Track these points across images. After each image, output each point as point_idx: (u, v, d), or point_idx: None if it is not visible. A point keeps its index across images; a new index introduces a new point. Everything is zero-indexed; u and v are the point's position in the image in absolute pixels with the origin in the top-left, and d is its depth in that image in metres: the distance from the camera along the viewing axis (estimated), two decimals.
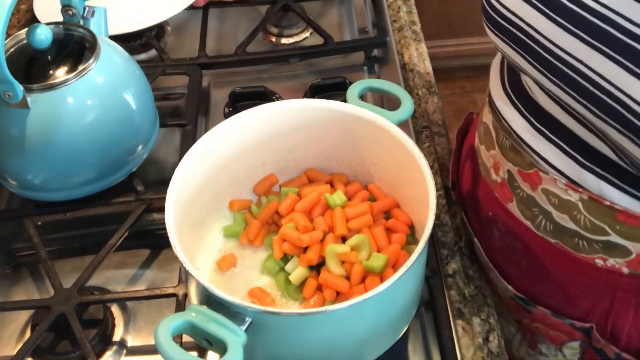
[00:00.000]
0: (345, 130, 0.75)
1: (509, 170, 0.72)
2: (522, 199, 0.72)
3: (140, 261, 0.82)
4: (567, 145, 0.66)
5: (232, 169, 0.76)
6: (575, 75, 0.58)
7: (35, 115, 0.76)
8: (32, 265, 0.82)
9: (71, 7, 0.83)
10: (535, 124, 0.68)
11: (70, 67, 0.78)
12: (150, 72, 0.94)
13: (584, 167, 0.65)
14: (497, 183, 0.75)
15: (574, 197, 0.66)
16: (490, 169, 0.76)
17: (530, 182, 0.70)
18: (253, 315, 0.58)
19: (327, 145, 0.78)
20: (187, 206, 0.70)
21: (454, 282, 0.78)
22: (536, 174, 0.68)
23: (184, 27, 1.12)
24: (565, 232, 0.69)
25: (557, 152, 0.66)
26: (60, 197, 0.82)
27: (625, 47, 0.53)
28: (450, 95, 2.39)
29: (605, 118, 0.57)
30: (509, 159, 0.72)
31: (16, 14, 1.15)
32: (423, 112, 0.96)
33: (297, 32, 1.10)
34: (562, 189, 0.66)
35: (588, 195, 0.65)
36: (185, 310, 0.59)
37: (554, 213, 0.69)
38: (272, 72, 1.04)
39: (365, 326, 0.63)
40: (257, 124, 0.75)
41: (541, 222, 0.71)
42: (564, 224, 0.68)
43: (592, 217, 0.65)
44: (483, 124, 0.79)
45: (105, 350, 0.74)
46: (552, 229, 0.70)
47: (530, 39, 0.62)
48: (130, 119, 0.82)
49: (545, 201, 0.69)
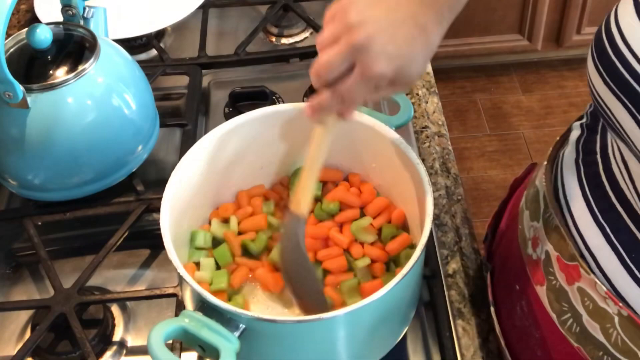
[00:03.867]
0: (343, 134, 0.75)
1: (547, 251, 0.64)
2: (553, 288, 0.63)
3: (140, 261, 0.82)
4: (627, 252, 0.57)
5: (229, 172, 0.76)
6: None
7: (35, 115, 0.76)
8: (32, 265, 0.82)
9: (71, 7, 0.83)
10: (599, 217, 0.59)
11: (70, 67, 0.78)
12: (150, 72, 0.94)
13: (637, 282, 0.56)
14: (532, 260, 0.67)
15: (612, 309, 0.57)
16: (529, 241, 0.68)
17: (568, 275, 0.61)
18: (247, 322, 0.58)
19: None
20: (183, 210, 0.70)
21: (454, 282, 0.78)
22: (576, 269, 0.60)
23: (184, 27, 1.12)
24: (591, 341, 0.60)
25: (611, 255, 0.57)
26: (60, 197, 0.82)
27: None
28: (450, 95, 2.39)
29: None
30: (550, 240, 0.63)
31: (16, 14, 1.15)
32: (423, 112, 0.96)
33: (297, 32, 1.10)
34: (601, 296, 0.57)
35: (628, 313, 0.56)
36: (179, 316, 0.58)
37: (585, 317, 0.60)
38: (272, 72, 1.04)
39: (362, 331, 0.62)
40: (255, 127, 0.75)
41: (568, 320, 0.62)
42: (592, 332, 0.60)
43: (626, 336, 0.57)
44: (534, 187, 0.69)
45: (105, 350, 0.74)
46: (577, 331, 0.61)
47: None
48: (130, 119, 0.82)
49: (578, 301, 0.60)
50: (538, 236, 0.66)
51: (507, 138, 2.31)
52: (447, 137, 0.94)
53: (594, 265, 0.59)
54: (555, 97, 2.42)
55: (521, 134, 2.31)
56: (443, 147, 0.92)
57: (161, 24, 1.06)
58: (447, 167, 0.90)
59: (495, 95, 2.41)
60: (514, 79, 2.46)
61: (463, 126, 2.34)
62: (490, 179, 2.18)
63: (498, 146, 2.28)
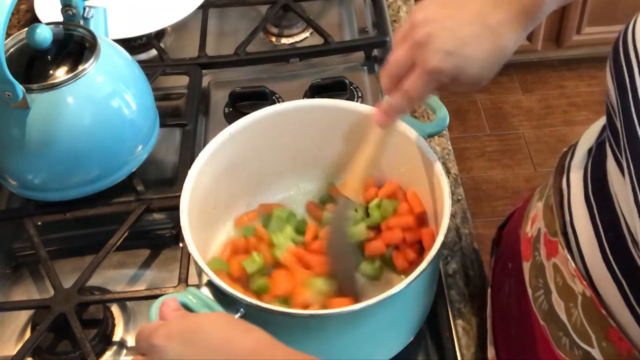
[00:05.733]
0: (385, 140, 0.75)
1: (539, 228, 0.65)
2: (535, 264, 0.65)
3: (140, 261, 0.82)
4: (605, 232, 0.55)
5: (253, 165, 0.77)
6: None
7: (35, 115, 0.76)
8: (32, 265, 0.82)
9: (71, 7, 0.83)
10: (591, 196, 0.58)
11: (70, 67, 0.78)
12: (150, 72, 0.94)
13: (607, 263, 0.54)
14: (527, 237, 0.68)
15: (578, 288, 0.57)
16: (529, 220, 0.69)
17: (548, 250, 0.62)
18: (246, 308, 0.59)
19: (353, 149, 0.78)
20: (204, 197, 0.70)
21: (454, 282, 0.78)
22: (556, 244, 0.60)
23: (184, 27, 1.12)
24: (555, 320, 0.61)
25: (591, 234, 0.57)
26: (60, 197, 0.82)
27: None
28: (450, 95, 2.39)
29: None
30: (544, 217, 0.64)
31: (16, 14, 1.15)
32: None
33: (297, 32, 1.10)
34: (570, 274, 0.58)
35: (591, 294, 0.55)
36: (184, 291, 0.59)
37: (554, 294, 0.61)
38: (272, 72, 1.04)
39: (372, 329, 0.63)
40: (286, 120, 0.75)
41: (540, 296, 0.63)
42: (557, 310, 0.60)
43: (585, 318, 0.57)
44: (551, 177, 0.68)
45: (105, 350, 0.74)
46: (546, 309, 0.62)
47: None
48: (130, 119, 0.82)
49: (552, 277, 0.61)
50: (537, 214, 0.67)
51: (507, 138, 2.31)
52: (447, 137, 0.94)
53: (574, 242, 0.59)
54: (555, 97, 2.42)
55: (521, 134, 2.31)
56: (443, 147, 0.92)
57: (161, 24, 1.06)
58: (447, 167, 0.90)
59: (495, 95, 2.41)
60: (514, 79, 2.46)
61: (463, 126, 2.34)
62: (490, 179, 2.18)
63: (498, 146, 2.28)
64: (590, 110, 2.37)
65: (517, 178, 2.17)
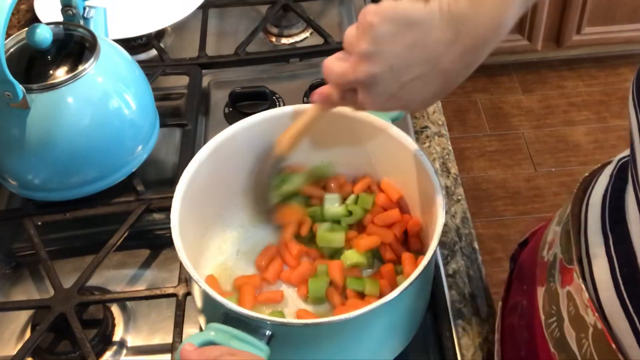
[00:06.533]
0: (352, 133, 0.75)
1: (556, 254, 0.63)
2: (550, 290, 0.63)
3: (140, 261, 0.82)
4: (620, 265, 0.54)
5: (244, 171, 0.76)
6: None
7: (35, 115, 0.76)
8: (32, 265, 0.82)
9: (71, 7, 0.83)
10: (607, 226, 0.57)
11: (70, 67, 0.78)
12: (150, 72, 0.94)
13: (619, 297, 0.53)
14: (543, 262, 0.67)
15: (589, 319, 0.55)
16: (547, 244, 0.68)
17: (563, 277, 0.61)
18: (272, 328, 0.57)
19: (335, 149, 0.78)
20: (194, 211, 0.70)
21: (454, 282, 0.78)
22: (571, 272, 0.59)
23: (184, 27, 1.12)
24: (565, 349, 0.59)
25: (605, 264, 0.55)
26: (60, 197, 0.82)
27: None
28: (450, 95, 2.37)
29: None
30: (561, 243, 0.63)
31: (16, 14, 1.15)
32: (423, 112, 0.96)
33: (297, 32, 1.10)
34: (583, 304, 0.56)
35: (602, 327, 0.53)
36: (205, 329, 0.57)
37: (566, 322, 0.59)
38: (272, 72, 1.04)
39: (377, 331, 0.63)
40: (267, 127, 0.75)
41: (552, 323, 0.61)
42: (568, 339, 0.58)
43: (595, 350, 0.55)
44: (570, 202, 0.66)
45: (105, 350, 0.74)
46: (557, 336, 0.60)
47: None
48: (130, 119, 0.82)
49: (565, 305, 0.59)
50: (554, 239, 0.66)
51: (507, 138, 2.31)
52: (447, 137, 0.94)
53: (588, 272, 0.58)
54: (555, 97, 2.42)
55: (521, 134, 2.31)
56: (443, 147, 0.93)
57: (161, 24, 1.06)
58: (447, 167, 0.90)
59: (495, 95, 2.41)
60: (514, 79, 2.46)
61: (463, 126, 2.34)
62: (490, 179, 2.18)
63: (498, 146, 2.29)
64: (590, 110, 2.37)
65: (517, 178, 2.18)
